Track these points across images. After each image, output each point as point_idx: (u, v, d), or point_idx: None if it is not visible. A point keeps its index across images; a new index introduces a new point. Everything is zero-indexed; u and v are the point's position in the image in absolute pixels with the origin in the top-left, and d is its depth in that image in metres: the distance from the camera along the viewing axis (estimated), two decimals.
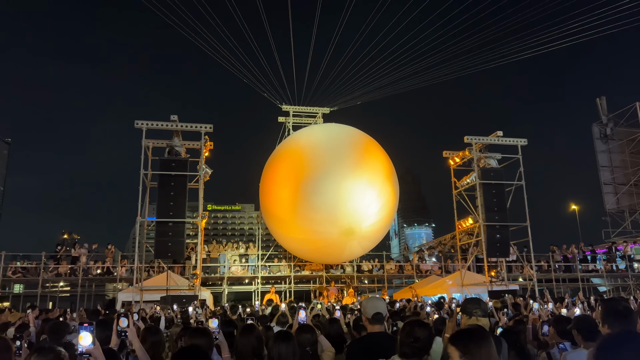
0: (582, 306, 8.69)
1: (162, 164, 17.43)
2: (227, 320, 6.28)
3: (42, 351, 2.60)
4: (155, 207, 17.23)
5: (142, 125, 17.78)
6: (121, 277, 21.41)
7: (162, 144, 18.55)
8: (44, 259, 20.44)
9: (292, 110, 23.68)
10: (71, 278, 21.05)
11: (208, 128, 18.34)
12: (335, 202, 17.07)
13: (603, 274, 25.00)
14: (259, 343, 4.17)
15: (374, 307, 4.23)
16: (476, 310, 3.95)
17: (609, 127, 29.67)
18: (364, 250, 20.64)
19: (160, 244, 16.84)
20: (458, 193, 21.26)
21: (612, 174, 29.56)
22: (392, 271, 24.22)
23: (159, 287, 16.97)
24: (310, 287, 23.77)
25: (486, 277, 19.82)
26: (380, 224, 18.64)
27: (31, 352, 2.62)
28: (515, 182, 20.22)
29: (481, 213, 19.51)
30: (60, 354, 2.59)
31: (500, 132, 20.42)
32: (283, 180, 18.37)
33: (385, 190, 18.29)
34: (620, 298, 10.30)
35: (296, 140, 20.03)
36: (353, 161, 17.87)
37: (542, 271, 23.95)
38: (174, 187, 17.03)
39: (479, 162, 20.13)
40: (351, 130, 20.08)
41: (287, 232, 18.94)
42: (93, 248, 22.17)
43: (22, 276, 20.85)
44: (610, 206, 29.37)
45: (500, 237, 19.22)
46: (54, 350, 2.61)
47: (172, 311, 11.47)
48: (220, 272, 22.23)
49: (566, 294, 17.68)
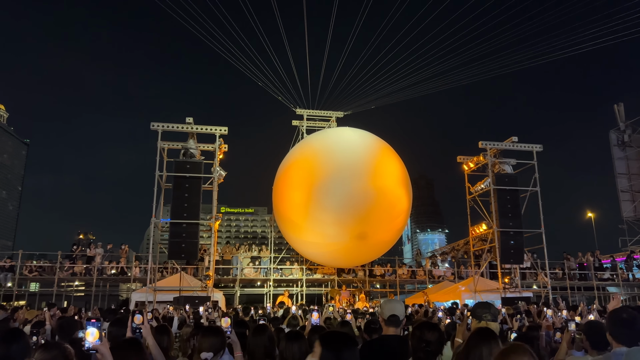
0: (595, 314, 8.58)
1: (176, 166, 17.62)
2: (239, 321, 6.33)
3: (47, 347, 2.57)
4: (169, 208, 17.42)
5: (157, 127, 17.99)
6: (135, 277, 21.62)
7: (177, 146, 18.76)
8: (60, 259, 20.74)
9: (306, 113, 23.76)
10: (86, 277, 21.32)
11: (223, 131, 18.50)
12: (347, 206, 17.08)
13: (619, 282, 24.63)
14: (271, 343, 4.21)
15: (391, 309, 4.21)
16: (486, 315, 3.95)
17: (627, 134, 29.26)
18: (375, 255, 20.61)
19: (174, 245, 17.00)
20: (472, 198, 21.13)
21: (629, 182, 29.13)
22: (405, 276, 24.12)
23: (172, 288, 17.12)
24: (322, 290, 23.76)
25: (499, 284, 19.64)
26: (392, 229, 18.61)
27: (36, 348, 2.59)
28: (530, 189, 20.05)
29: (495, 219, 19.37)
30: (66, 351, 2.56)
31: (515, 138, 20.27)
32: (296, 184, 18.43)
33: (399, 195, 18.25)
34: (627, 307, 10.16)
35: (310, 144, 20.08)
36: (366, 165, 17.87)
37: (556, 279, 23.67)
38: (188, 189, 17.20)
39: (493, 168, 20.00)
40: (365, 135, 20.07)
41: (299, 236, 18.99)
42: (108, 248, 22.45)
43: (39, 275, 21.18)
44: (627, 214, 28.92)
45: (514, 244, 19.04)
46: (60, 346, 2.58)
47: (185, 312, 11.56)
48: (233, 274, 22.33)
49: (581, 302, 17.44)
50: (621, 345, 3.31)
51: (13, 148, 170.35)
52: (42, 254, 23.17)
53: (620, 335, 3.32)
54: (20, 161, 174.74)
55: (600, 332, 4.22)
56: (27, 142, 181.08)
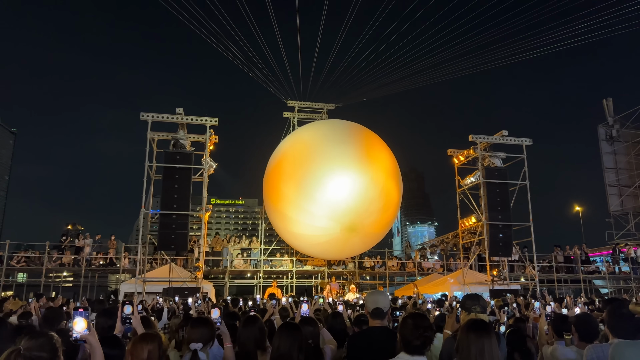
0: (582, 307, 8.69)
1: (166, 157, 17.49)
2: (229, 313, 6.33)
3: (34, 335, 2.47)
4: (159, 199, 17.32)
5: (147, 117, 17.84)
6: (124, 268, 21.52)
7: (167, 136, 18.62)
8: (48, 249, 20.57)
9: (297, 105, 23.69)
10: (74, 268, 21.19)
11: (213, 122, 18.39)
12: (338, 198, 17.10)
13: (605, 275, 24.97)
14: (262, 334, 4.20)
15: (374, 302, 4.25)
16: (475, 307, 3.98)
17: (615, 128, 29.48)
18: (366, 247, 20.68)
19: (164, 236, 16.93)
20: (462, 192, 21.26)
21: (616, 176, 29.41)
22: (394, 268, 24.26)
23: (162, 279, 17.07)
24: (312, 282, 23.84)
25: (488, 276, 19.83)
26: (383, 221, 18.67)
27: (22, 335, 2.47)
28: (520, 182, 20.20)
29: (484, 212, 19.51)
30: (52, 339, 2.47)
31: (505, 132, 20.37)
32: (287, 176, 18.39)
33: (389, 187, 18.29)
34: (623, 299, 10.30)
35: (300, 136, 20.04)
36: (357, 158, 17.86)
37: (544, 272, 23.94)
38: (178, 180, 17.10)
39: (483, 161, 20.11)
40: (356, 127, 20.06)
41: (289, 227, 18.99)
42: (97, 239, 22.30)
43: (26, 265, 21.00)
44: (614, 208, 29.18)
45: (503, 237, 19.21)
46: (46, 334, 2.50)
47: (174, 303, 11.53)
48: (223, 266, 22.31)
49: (567, 295, 17.65)
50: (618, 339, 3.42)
51: (0, 137, 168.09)
52: (29, 245, 22.89)
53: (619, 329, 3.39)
54: (8, 151, 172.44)
55: (592, 325, 4.28)
56: (15, 132, 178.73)
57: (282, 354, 3.54)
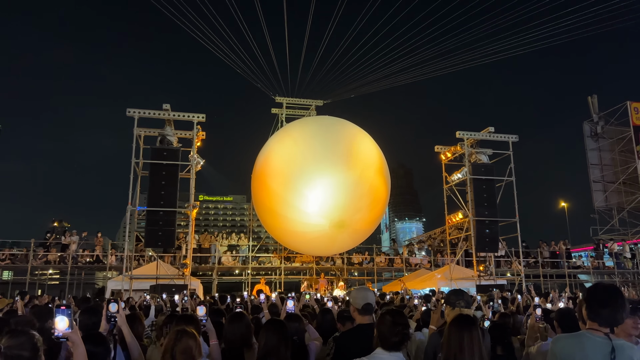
0: (565, 301, 8.81)
1: (153, 153, 17.37)
2: (216, 310, 6.32)
3: (14, 333, 2.44)
4: (146, 196, 17.19)
5: (134, 113, 17.67)
6: (111, 265, 21.36)
7: (154, 132, 18.47)
8: (33, 246, 20.34)
9: (285, 102, 23.64)
10: (60, 265, 20.98)
11: (200, 118, 18.29)
12: (326, 194, 17.11)
13: (590, 270, 25.31)
14: (248, 331, 4.20)
15: (364, 298, 4.17)
16: (459, 302, 4.02)
17: (600, 125, 29.86)
18: (354, 243, 20.73)
19: (151, 233, 16.81)
20: (449, 188, 21.39)
21: (601, 172, 29.80)
22: (382, 264, 24.37)
23: (149, 276, 16.98)
24: (301, 278, 23.87)
25: (474, 272, 20.01)
26: (371, 217, 18.71)
27: (2, 334, 2.44)
28: (506, 178, 20.38)
29: (471, 208, 19.67)
30: (34, 338, 2.43)
31: (492, 128, 20.53)
32: (275, 172, 18.35)
33: (377, 183, 18.34)
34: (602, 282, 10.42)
35: (289, 132, 19.99)
36: (345, 154, 17.87)
37: (530, 267, 24.20)
38: (165, 177, 16.99)
39: (470, 158, 20.25)
40: (344, 123, 20.07)
41: (278, 224, 18.96)
42: (83, 236, 22.10)
43: (11, 263, 20.74)
44: (599, 204, 29.61)
45: (490, 232, 19.39)
46: (27, 333, 2.46)
47: (162, 300, 11.49)
48: (211, 263, 22.24)
49: (552, 289, 17.87)
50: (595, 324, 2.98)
51: None
52: (14, 242, 22.63)
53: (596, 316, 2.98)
54: None
55: (573, 320, 4.34)
56: None
57: (268, 350, 3.56)
